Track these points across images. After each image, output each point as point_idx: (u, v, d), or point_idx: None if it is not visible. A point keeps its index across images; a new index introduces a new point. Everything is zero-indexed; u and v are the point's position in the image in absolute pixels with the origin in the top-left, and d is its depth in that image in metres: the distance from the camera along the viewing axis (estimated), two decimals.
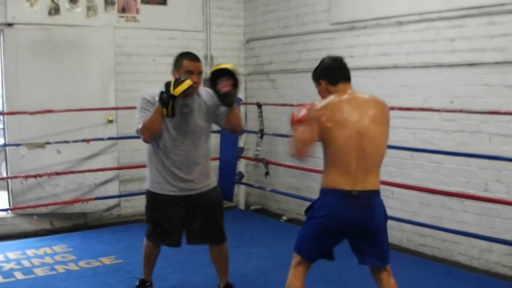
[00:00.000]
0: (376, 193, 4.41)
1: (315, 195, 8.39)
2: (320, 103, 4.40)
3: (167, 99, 4.88)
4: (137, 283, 5.86)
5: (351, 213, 4.26)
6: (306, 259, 4.50)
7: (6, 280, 6.43)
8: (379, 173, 4.46)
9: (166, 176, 5.30)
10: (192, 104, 5.24)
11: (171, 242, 5.51)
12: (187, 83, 4.90)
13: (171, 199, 5.34)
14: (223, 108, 5.22)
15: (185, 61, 5.17)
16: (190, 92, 5.05)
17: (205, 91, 5.33)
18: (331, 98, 4.41)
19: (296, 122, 4.47)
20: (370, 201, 4.33)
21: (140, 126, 5.11)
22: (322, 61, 4.66)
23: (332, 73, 4.52)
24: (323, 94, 4.56)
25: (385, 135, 4.46)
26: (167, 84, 4.91)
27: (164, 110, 4.92)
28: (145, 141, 5.25)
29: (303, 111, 4.46)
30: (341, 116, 4.28)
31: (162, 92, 4.90)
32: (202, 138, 5.35)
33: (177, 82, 4.89)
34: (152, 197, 5.45)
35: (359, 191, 4.26)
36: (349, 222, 4.30)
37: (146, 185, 5.54)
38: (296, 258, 4.51)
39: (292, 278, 4.49)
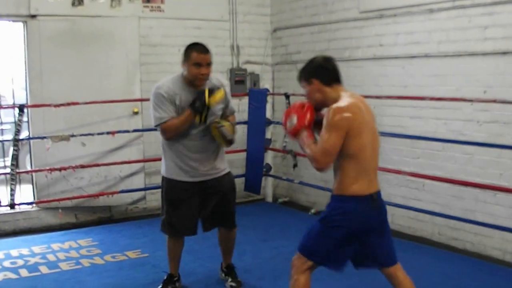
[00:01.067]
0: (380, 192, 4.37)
1: None
2: (339, 105, 4.10)
3: (201, 108, 5.18)
4: (165, 278, 5.87)
5: (374, 215, 4.25)
6: (320, 264, 4.38)
7: (31, 274, 6.43)
8: None
9: (181, 163, 5.44)
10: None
11: (187, 231, 5.65)
12: (221, 93, 5.24)
13: (187, 186, 5.47)
14: (226, 110, 5.58)
15: (194, 53, 5.25)
16: (199, 83, 5.29)
17: (217, 80, 5.51)
18: (347, 99, 4.15)
19: (298, 129, 4.30)
20: (382, 201, 4.32)
21: (163, 125, 5.28)
22: (313, 60, 4.43)
23: (327, 72, 4.30)
24: (313, 94, 4.31)
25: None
26: (201, 93, 5.18)
27: (197, 118, 5.24)
28: (167, 139, 5.42)
29: (295, 117, 4.31)
30: (362, 119, 4.12)
31: (195, 100, 5.18)
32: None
33: (211, 93, 5.17)
34: (169, 184, 5.57)
35: (376, 192, 4.25)
36: (372, 224, 4.25)
37: (162, 172, 5.66)
38: (306, 263, 4.35)
39: (302, 285, 4.34)
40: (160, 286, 5.81)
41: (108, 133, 8.22)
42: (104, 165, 8.42)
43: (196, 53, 5.23)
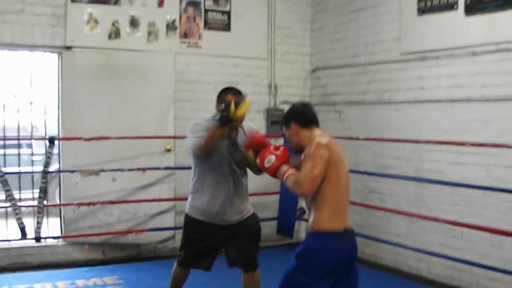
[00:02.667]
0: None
1: (380, 234, 8.16)
2: (321, 140, 4.44)
3: (227, 120, 5.08)
4: None
5: (348, 252, 4.39)
6: None
7: None
8: None
9: (214, 205, 5.44)
10: (237, 137, 5.48)
11: (203, 267, 5.70)
12: (246, 105, 5.15)
13: (215, 229, 5.50)
14: None
15: (229, 96, 5.34)
16: (236, 125, 5.34)
17: (247, 126, 5.56)
18: (324, 137, 4.51)
19: (278, 165, 4.58)
20: (354, 237, 4.53)
21: (195, 139, 5.28)
22: (293, 106, 4.82)
23: (304, 116, 4.65)
24: (293, 138, 4.65)
25: None
26: (227, 105, 5.08)
27: (226, 129, 5.18)
28: (199, 152, 5.32)
29: (273, 157, 4.60)
30: (338, 155, 4.45)
31: (222, 111, 5.09)
32: (244, 168, 5.53)
33: (237, 104, 5.08)
34: (192, 223, 5.59)
35: (349, 228, 4.46)
36: (345, 259, 4.39)
37: (186, 210, 5.67)
38: None
39: None
40: None
41: (139, 169, 8.09)
42: (133, 202, 8.31)
43: (232, 96, 5.32)
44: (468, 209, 7.16)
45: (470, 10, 7.09)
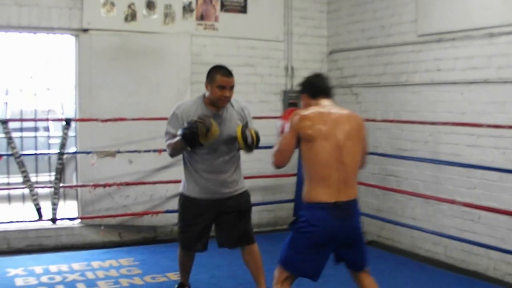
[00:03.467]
0: (356, 202, 4.67)
1: (397, 217, 8.13)
2: (302, 111, 4.66)
3: (193, 144, 5.24)
4: (176, 287, 6.26)
5: (338, 224, 4.49)
6: (293, 274, 4.68)
7: None
8: (356, 183, 4.71)
9: (198, 181, 5.66)
10: (224, 114, 5.63)
11: (200, 247, 5.87)
12: (215, 132, 5.21)
13: (202, 203, 5.69)
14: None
15: (218, 76, 5.49)
16: (221, 105, 5.56)
17: (237, 103, 5.77)
18: (311, 109, 4.68)
19: (281, 131, 4.84)
20: (352, 210, 4.60)
21: (166, 141, 5.63)
22: (306, 77, 4.96)
23: (313, 87, 4.82)
24: (304, 107, 4.84)
25: (360, 150, 4.73)
26: (194, 127, 5.16)
27: (188, 148, 5.38)
28: (169, 155, 5.74)
29: (281, 122, 4.88)
30: (321, 127, 4.54)
31: (186, 132, 5.20)
32: (232, 145, 5.63)
33: (207, 130, 5.15)
34: (185, 201, 5.81)
35: (343, 201, 4.52)
36: (337, 232, 4.52)
37: (180, 189, 5.93)
38: (283, 274, 4.67)
39: None
40: None
41: (155, 151, 8.08)
42: (150, 184, 8.33)
43: (221, 76, 5.48)
44: (485, 192, 7.12)
45: None
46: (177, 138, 5.35)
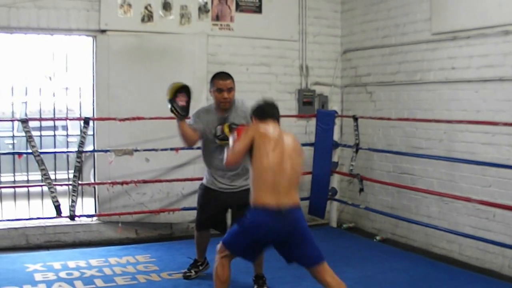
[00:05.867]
0: (298, 206, 5.18)
1: (411, 215, 8.17)
2: (255, 125, 5.37)
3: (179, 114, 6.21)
4: (191, 262, 6.91)
5: (279, 227, 5.02)
6: (233, 254, 5.29)
7: (86, 287, 6.45)
8: (298, 190, 5.26)
9: (213, 175, 6.40)
10: (230, 117, 6.20)
11: (208, 225, 6.59)
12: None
13: (215, 193, 6.39)
14: None
15: (216, 80, 6.23)
16: (224, 107, 6.20)
17: (241, 104, 6.29)
18: (262, 125, 5.30)
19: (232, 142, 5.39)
20: (294, 215, 5.10)
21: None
22: (257, 103, 5.55)
23: (262, 111, 5.43)
24: None
25: (300, 163, 5.32)
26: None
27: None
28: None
29: (233, 136, 5.42)
30: (269, 138, 5.16)
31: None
32: None
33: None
34: (202, 189, 6.59)
35: (285, 207, 5.03)
36: (278, 234, 5.06)
37: (203, 181, 6.63)
38: (224, 251, 5.28)
39: (220, 267, 5.28)
40: (187, 268, 6.85)
41: (171, 149, 8.16)
42: (166, 182, 8.43)
43: (217, 80, 6.20)
44: (500, 190, 7.11)
45: None
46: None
